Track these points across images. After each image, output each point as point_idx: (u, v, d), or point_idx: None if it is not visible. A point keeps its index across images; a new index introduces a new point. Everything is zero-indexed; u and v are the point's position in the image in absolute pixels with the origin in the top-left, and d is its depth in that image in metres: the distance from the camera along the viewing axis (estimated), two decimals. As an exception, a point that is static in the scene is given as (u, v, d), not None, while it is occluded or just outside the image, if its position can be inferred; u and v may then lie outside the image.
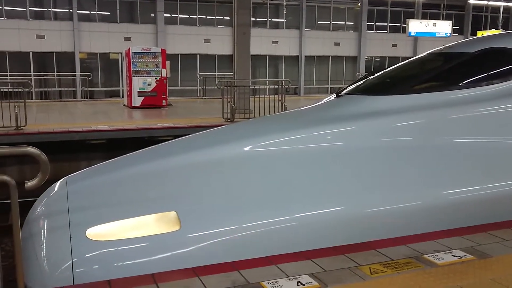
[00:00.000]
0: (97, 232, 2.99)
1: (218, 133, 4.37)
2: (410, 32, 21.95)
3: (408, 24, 21.89)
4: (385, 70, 4.83)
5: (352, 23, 27.19)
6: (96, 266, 2.84)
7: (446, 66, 4.38)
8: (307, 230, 3.19)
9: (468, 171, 3.71)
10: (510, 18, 30.11)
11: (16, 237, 2.16)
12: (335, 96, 4.47)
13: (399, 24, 27.92)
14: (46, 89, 22.05)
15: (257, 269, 2.68)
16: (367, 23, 26.95)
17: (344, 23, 27.02)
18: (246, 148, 3.73)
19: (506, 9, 27.67)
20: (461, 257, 2.84)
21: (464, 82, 4.13)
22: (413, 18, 24.94)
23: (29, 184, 2.35)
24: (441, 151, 3.75)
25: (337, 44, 26.63)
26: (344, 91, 4.52)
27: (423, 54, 4.95)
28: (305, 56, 25.95)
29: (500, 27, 25.92)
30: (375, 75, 4.69)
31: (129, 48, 15.46)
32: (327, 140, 3.81)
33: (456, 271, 2.66)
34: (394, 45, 27.86)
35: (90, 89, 20.11)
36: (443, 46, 4.90)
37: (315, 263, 2.75)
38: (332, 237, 3.16)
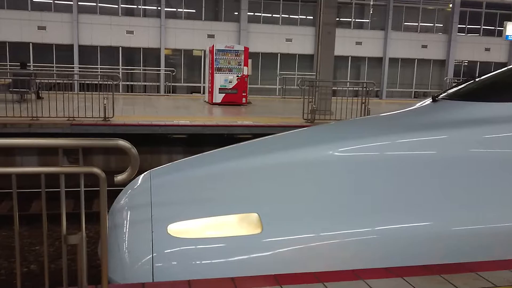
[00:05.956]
0: (177, 229, 2.94)
1: (312, 132, 4.20)
2: (508, 36, 20.42)
3: (505, 27, 20.36)
4: (488, 75, 4.43)
5: (442, 25, 25.90)
6: (175, 263, 2.79)
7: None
8: (394, 245, 2.94)
9: None
10: None
11: (103, 229, 2.14)
12: (431, 100, 4.15)
13: (493, 27, 26.22)
14: (132, 83, 23.03)
15: (343, 283, 2.49)
16: (458, 26, 25.55)
17: (433, 24, 25.80)
18: (338, 152, 3.54)
19: None
20: None
21: None
22: (510, 20, 23.29)
23: (119, 178, 2.33)
24: None
25: (424, 46, 25.50)
26: (442, 95, 4.18)
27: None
28: (389, 58, 25.10)
29: None
30: (477, 79, 4.31)
31: (213, 45, 15.70)
32: (422, 148, 3.52)
33: None
34: (487, 49, 26.21)
35: (173, 84, 20.74)
36: None
37: (408, 282, 2.52)
38: (422, 254, 2.89)
